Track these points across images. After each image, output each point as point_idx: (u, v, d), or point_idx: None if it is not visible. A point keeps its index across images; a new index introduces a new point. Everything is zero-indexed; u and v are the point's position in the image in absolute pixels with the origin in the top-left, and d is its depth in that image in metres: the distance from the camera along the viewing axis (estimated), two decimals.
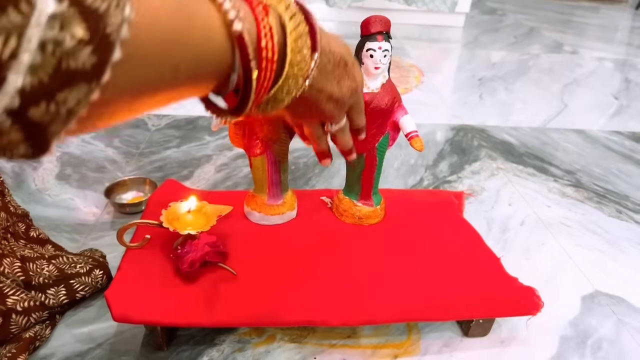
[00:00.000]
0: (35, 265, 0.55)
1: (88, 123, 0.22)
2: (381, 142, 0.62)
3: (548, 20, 2.67)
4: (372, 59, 0.55)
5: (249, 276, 0.55)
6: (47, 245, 0.62)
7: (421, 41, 2.03)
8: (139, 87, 0.23)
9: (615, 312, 0.65)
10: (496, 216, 0.83)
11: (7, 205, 0.58)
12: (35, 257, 0.56)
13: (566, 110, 1.37)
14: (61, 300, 0.56)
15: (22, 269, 0.54)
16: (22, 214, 0.62)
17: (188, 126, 1.10)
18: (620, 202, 0.91)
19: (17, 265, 0.54)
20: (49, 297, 0.55)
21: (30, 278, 0.54)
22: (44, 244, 0.62)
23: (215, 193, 0.74)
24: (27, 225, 0.61)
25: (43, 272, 0.56)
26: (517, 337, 0.59)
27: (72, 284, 0.57)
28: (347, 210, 0.66)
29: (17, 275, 0.53)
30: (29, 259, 0.55)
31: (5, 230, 0.55)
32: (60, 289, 0.56)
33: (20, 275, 0.53)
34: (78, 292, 0.58)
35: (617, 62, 1.90)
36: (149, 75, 0.23)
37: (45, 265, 0.56)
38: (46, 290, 0.55)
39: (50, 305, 0.55)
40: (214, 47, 0.27)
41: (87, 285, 0.59)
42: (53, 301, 0.55)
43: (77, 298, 0.58)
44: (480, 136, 1.15)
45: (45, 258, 0.57)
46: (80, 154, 0.95)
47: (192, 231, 0.53)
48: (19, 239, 0.58)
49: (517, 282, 0.57)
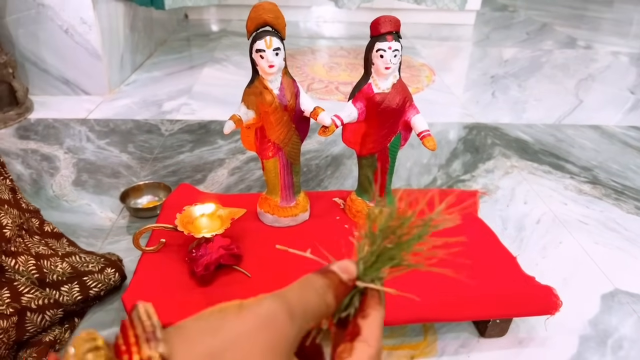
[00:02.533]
0: (50, 263, 0.56)
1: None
2: (393, 142, 0.62)
3: (560, 15, 2.63)
4: (382, 59, 0.55)
5: (263, 278, 0.55)
6: (62, 239, 0.63)
7: (432, 40, 2.02)
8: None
9: (636, 311, 0.63)
10: (511, 215, 0.82)
11: (19, 202, 0.59)
12: (49, 254, 0.57)
13: (581, 106, 1.34)
14: (75, 297, 0.57)
15: (36, 267, 0.55)
16: (33, 210, 0.62)
17: (201, 130, 1.10)
18: (639, 199, 0.89)
19: (31, 262, 0.54)
20: (62, 294, 0.55)
21: (45, 275, 0.55)
22: (59, 237, 0.62)
23: (229, 196, 0.74)
24: (40, 221, 0.62)
25: (57, 269, 0.56)
26: (535, 338, 0.58)
27: (85, 281, 0.58)
28: (360, 211, 0.66)
29: (31, 272, 0.54)
30: (44, 256, 0.56)
31: (19, 227, 0.56)
32: (73, 286, 0.57)
33: (34, 272, 0.54)
34: (91, 289, 0.58)
35: (633, 56, 1.87)
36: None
37: (59, 262, 0.57)
38: (60, 287, 0.56)
39: (64, 302, 0.55)
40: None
41: (100, 282, 0.59)
42: (67, 298, 0.56)
43: (90, 295, 0.58)
44: (493, 134, 1.14)
45: (59, 256, 0.58)
46: (95, 160, 0.96)
47: (207, 234, 0.54)
48: (33, 235, 0.59)
49: (535, 282, 0.56)
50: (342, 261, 0.28)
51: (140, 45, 1.54)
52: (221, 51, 1.72)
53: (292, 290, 0.25)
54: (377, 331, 0.26)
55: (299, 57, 1.69)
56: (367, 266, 0.27)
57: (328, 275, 0.26)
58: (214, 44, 1.81)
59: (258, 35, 0.54)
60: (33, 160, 0.96)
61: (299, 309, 0.24)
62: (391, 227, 0.28)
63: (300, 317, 0.24)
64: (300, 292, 0.25)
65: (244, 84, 0.58)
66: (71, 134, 1.07)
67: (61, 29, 1.19)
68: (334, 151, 1.02)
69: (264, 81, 0.56)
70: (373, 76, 0.58)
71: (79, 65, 1.24)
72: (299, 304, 0.24)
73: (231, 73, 1.51)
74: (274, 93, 0.56)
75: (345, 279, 0.27)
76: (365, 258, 0.28)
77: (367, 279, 0.27)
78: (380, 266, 0.28)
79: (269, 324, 0.23)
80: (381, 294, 0.28)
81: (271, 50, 0.53)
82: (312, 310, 0.25)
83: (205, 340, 0.22)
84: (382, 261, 0.28)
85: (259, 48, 0.53)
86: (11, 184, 0.59)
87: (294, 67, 1.57)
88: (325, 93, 1.37)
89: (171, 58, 1.63)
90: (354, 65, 1.62)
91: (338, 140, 0.72)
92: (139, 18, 1.51)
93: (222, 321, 0.23)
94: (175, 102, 1.26)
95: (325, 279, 0.26)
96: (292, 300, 0.24)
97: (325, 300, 0.26)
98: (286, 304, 0.24)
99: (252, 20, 0.54)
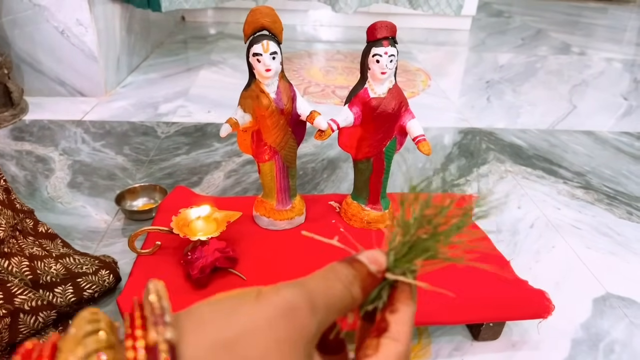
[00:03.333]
0: (43, 264, 0.56)
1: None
2: (389, 146, 0.62)
3: (555, 21, 2.65)
4: (378, 64, 0.56)
5: (258, 281, 0.55)
6: (56, 240, 0.63)
7: (427, 45, 2.03)
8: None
9: (628, 315, 0.64)
10: (505, 219, 0.83)
11: (13, 202, 0.59)
12: (43, 255, 0.57)
13: (575, 111, 1.36)
14: (69, 299, 0.56)
15: (30, 268, 0.54)
16: (27, 210, 0.62)
17: (197, 133, 1.11)
18: (631, 204, 0.90)
19: (25, 264, 0.54)
20: (56, 295, 0.55)
21: (38, 277, 0.55)
22: (53, 238, 0.62)
23: (225, 199, 0.74)
24: (34, 221, 0.61)
25: (51, 270, 0.56)
26: (528, 341, 0.59)
27: (80, 282, 0.58)
28: (355, 215, 0.66)
29: (25, 274, 0.54)
30: (37, 257, 0.56)
31: (13, 228, 0.56)
32: (67, 287, 0.56)
33: (28, 274, 0.54)
34: (85, 290, 0.58)
35: (626, 63, 1.89)
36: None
37: (53, 264, 0.57)
38: (54, 288, 0.55)
39: (58, 304, 0.55)
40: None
41: (94, 283, 0.59)
42: (61, 300, 0.55)
43: (84, 297, 0.58)
44: (488, 139, 1.15)
45: (53, 257, 0.58)
46: (91, 162, 0.96)
47: (203, 237, 0.54)
48: (27, 236, 0.58)
49: (528, 285, 0.57)
50: (371, 251, 0.25)
51: (137, 47, 1.54)
52: (218, 54, 1.72)
53: (315, 280, 0.23)
54: (406, 328, 0.24)
55: (295, 60, 1.70)
56: (399, 257, 0.25)
57: (354, 265, 0.24)
58: (210, 47, 1.81)
59: (255, 39, 0.54)
60: (28, 161, 0.95)
61: (322, 300, 0.22)
62: (427, 216, 0.25)
63: (323, 309, 0.22)
64: (324, 281, 0.23)
65: (240, 87, 0.59)
66: (66, 136, 1.07)
67: (57, 30, 1.19)
68: (330, 155, 1.02)
69: (261, 85, 0.56)
70: (369, 81, 0.58)
71: (74, 67, 1.24)
72: (322, 295, 0.22)
73: (228, 76, 1.51)
74: (270, 97, 0.57)
75: (374, 270, 0.25)
76: (397, 249, 0.25)
77: (398, 271, 0.25)
78: (412, 258, 0.25)
79: (288, 314, 0.21)
80: (413, 288, 0.26)
81: (268, 54, 0.54)
82: (335, 302, 0.23)
83: (218, 327, 0.20)
84: (415, 253, 0.25)
85: (256, 52, 0.54)
86: (5, 185, 0.59)
87: (291, 70, 1.58)
88: (322, 97, 1.37)
89: (168, 60, 1.63)
90: (351, 69, 1.62)
91: (334, 144, 0.73)
92: (135, 20, 1.51)
93: (238, 307, 0.21)
94: (172, 105, 1.26)
95: (352, 269, 0.24)
96: (315, 290, 0.22)
97: (350, 291, 0.23)
98: (307, 294, 0.22)
99: (249, 24, 0.54)
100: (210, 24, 2.18)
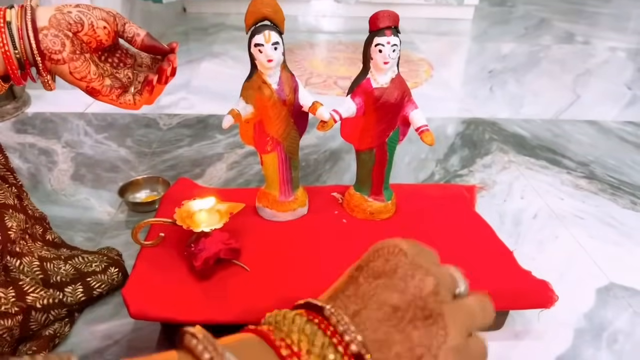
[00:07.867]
0: (53, 265, 0.56)
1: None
2: (391, 137, 0.62)
3: (559, 10, 2.63)
4: (381, 54, 0.55)
5: (262, 272, 0.55)
6: (61, 248, 0.63)
7: (430, 35, 2.01)
8: None
9: (631, 305, 0.64)
10: (508, 209, 0.83)
11: (26, 208, 0.60)
12: (52, 257, 0.57)
13: (579, 101, 1.35)
14: (79, 297, 0.57)
15: (40, 268, 0.55)
16: (39, 216, 0.63)
17: (199, 125, 1.10)
18: (634, 194, 0.90)
19: (35, 264, 0.55)
20: (67, 295, 0.56)
21: (49, 276, 0.55)
22: (58, 247, 0.63)
23: (227, 191, 0.74)
24: (44, 229, 0.62)
25: (60, 271, 0.57)
26: (531, 331, 0.59)
27: (89, 281, 0.59)
28: (358, 206, 0.66)
29: (36, 273, 0.54)
30: (47, 259, 0.57)
31: (23, 231, 0.56)
32: (77, 287, 0.57)
33: (39, 273, 0.54)
34: (95, 289, 0.59)
35: (630, 52, 1.87)
36: None
37: (62, 265, 0.57)
38: (64, 288, 0.56)
39: (68, 302, 0.56)
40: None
41: (103, 282, 0.60)
42: (71, 299, 0.56)
43: (94, 295, 0.59)
44: (491, 129, 1.14)
45: (62, 259, 0.58)
46: (93, 154, 0.96)
47: (206, 229, 0.54)
48: (36, 241, 0.59)
49: (531, 276, 0.57)
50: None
51: None
52: (220, 45, 1.71)
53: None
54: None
55: (297, 51, 1.69)
56: None
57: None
58: (212, 38, 1.80)
59: (257, 30, 0.54)
60: (31, 154, 0.96)
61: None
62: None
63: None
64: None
65: (242, 78, 0.58)
66: (69, 128, 1.07)
67: None
68: (332, 146, 1.02)
69: (263, 75, 0.56)
70: (371, 71, 0.58)
71: None
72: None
73: (230, 67, 1.51)
74: (272, 87, 0.56)
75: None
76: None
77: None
78: None
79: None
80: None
81: (270, 44, 0.53)
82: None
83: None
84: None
85: (258, 42, 0.53)
86: (17, 192, 0.59)
87: (293, 61, 1.57)
88: (324, 87, 1.36)
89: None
90: (353, 60, 1.61)
91: (336, 135, 0.72)
92: (136, 11, 1.50)
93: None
94: (174, 97, 1.26)
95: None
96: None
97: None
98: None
99: (250, 14, 0.54)
100: (212, 15, 2.16)
